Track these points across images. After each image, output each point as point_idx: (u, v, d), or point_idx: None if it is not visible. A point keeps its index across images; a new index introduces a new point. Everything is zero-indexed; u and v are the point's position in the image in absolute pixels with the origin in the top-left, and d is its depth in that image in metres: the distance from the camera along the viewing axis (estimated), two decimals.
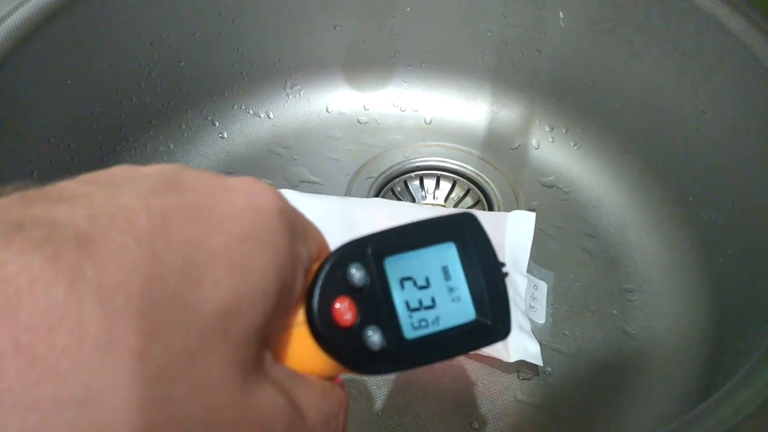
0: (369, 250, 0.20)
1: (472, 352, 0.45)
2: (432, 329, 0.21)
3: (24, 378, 0.14)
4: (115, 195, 0.17)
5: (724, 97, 0.47)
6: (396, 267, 0.20)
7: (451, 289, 0.21)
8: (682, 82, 0.50)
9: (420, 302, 0.21)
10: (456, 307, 0.21)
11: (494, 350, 0.44)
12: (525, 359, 0.43)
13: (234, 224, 0.17)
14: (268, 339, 0.18)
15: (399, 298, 0.20)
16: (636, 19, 0.51)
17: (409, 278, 0.21)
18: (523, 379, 0.45)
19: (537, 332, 0.46)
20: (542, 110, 0.58)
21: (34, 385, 0.14)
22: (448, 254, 0.21)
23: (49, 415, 0.14)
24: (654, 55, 0.51)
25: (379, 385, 0.44)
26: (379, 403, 0.43)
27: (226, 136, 0.57)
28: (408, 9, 0.57)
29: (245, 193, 0.18)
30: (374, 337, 0.19)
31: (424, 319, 0.20)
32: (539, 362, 0.44)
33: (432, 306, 0.21)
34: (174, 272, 0.16)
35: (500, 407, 0.43)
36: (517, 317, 0.45)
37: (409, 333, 0.20)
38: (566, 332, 0.47)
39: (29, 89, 0.45)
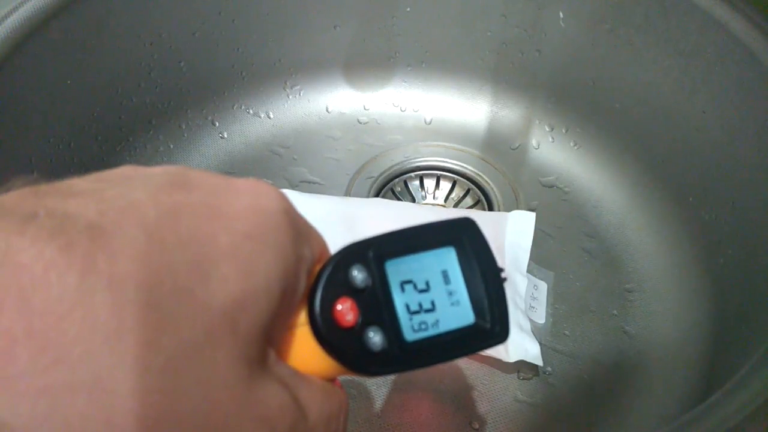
0: (370, 253, 0.20)
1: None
2: (431, 332, 0.21)
3: (36, 364, 0.14)
4: (125, 191, 0.17)
5: (724, 97, 0.47)
6: (397, 270, 0.21)
7: (450, 293, 0.21)
8: (682, 82, 0.50)
9: (420, 305, 0.21)
10: (455, 310, 0.21)
11: (494, 350, 0.44)
12: (525, 359, 0.43)
13: (240, 223, 0.18)
14: (271, 338, 0.18)
15: (399, 300, 0.20)
16: (636, 19, 0.51)
17: (409, 281, 0.21)
18: (523, 379, 0.45)
19: (537, 332, 0.46)
20: (542, 110, 0.58)
21: (46, 371, 0.14)
22: (447, 258, 0.22)
23: (59, 401, 0.14)
24: (654, 55, 0.51)
25: (379, 385, 0.44)
26: (379, 403, 0.43)
27: (226, 136, 0.57)
28: (408, 9, 0.57)
29: (251, 193, 0.19)
30: (375, 338, 0.20)
31: (424, 322, 0.21)
32: (539, 362, 0.44)
33: (432, 309, 0.21)
34: (182, 266, 0.16)
35: (500, 407, 0.43)
36: (517, 317, 0.45)
37: (410, 335, 0.20)
38: (566, 332, 0.47)
39: (29, 89, 0.45)
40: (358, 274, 0.20)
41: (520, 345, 0.43)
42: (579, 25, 0.54)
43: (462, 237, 0.22)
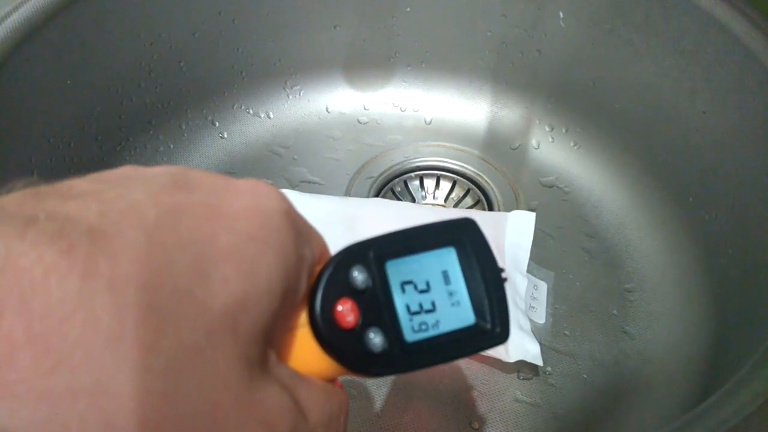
0: (371, 254, 0.20)
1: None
2: (432, 333, 0.21)
3: (37, 368, 0.14)
4: (126, 192, 0.17)
5: (724, 97, 0.47)
6: (397, 270, 0.21)
7: (451, 294, 0.21)
8: (682, 82, 0.50)
9: (420, 306, 0.21)
10: (456, 311, 0.21)
11: (494, 350, 0.44)
12: (525, 359, 0.43)
13: (242, 224, 0.17)
14: (272, 339, 0.18)
15: (400, 301, 0.20)
16: (636, 19, 0.51)
17: (410, 282, 0.21)
18: (523, 379, 0.45)
19: (537, 332, 0.46)
20: (542, 110, 0.58)
21: (47, 375, 0.14)
22: (448, 259, 0.22)
23: (60, 405, 0.14)
24: (654, 55, 0.51)
25: (379, 385, 0.44)
26: (379, 403, 0.43)
27: (226, 136, 0.57)
28: (408, 9, 0.57)
29: (251, 194, 0.19)
30: (376, 339, 0.20)
31: (425, 323, 0.21)
32: (539, 362, 0.44)
33: (432, 310, 0.21)
34: (183, 267, 0.16)
35: (500, 407, 0.43)
36: (517, 317, 0.45)
37: (410, 336, 0.20)
38: (566, 332, 0.47)
39: (29, 89, 0.45)
40: (358, 275, 0.20)
41: (520, 345, 0.43)
42: (579, 25, 0.54)
43: (462, 237, 0.22)
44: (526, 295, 0.47)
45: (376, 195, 0.54)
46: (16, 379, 0.14)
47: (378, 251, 0.20)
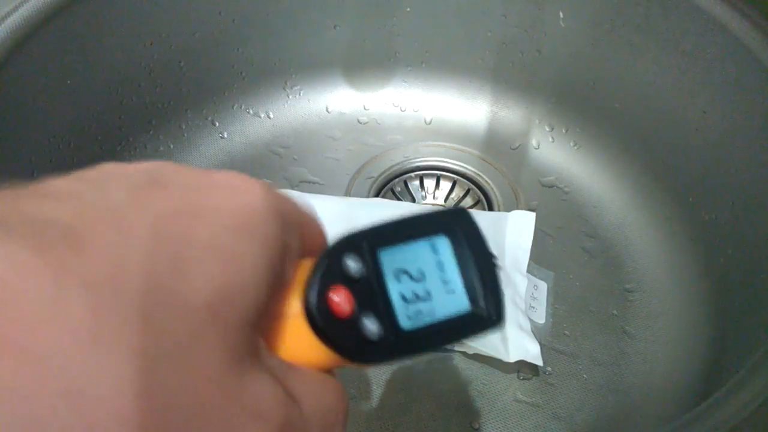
0: (364, 243, 0.20)
1: (472, 352, 0.45)
2: (427, 320, 0.21)
3: (14, 373, 0.13)
4: (103, 191, 0.17)
5: (724, 97, 0.47)
6: (391, 259, 0.21)
7: (445, 281, 0.21)
8: (682, 82, 0.50)
9: (415, 294, 0.21)
10: (450, 298, 0.21)
11: (494, 350, 0.44)
12: (525, 359, 0.43)
13: (222, 216, 0.17)
14: (260, 330, 0.18)
15: (394, 289, 0.20)
16: (636, 19, 0.51)
17: (404, 270, 0.21)
18: (523, 379, 0.45)
19: (537, 332, 0.46)
20: (542, 110, 0.58)
21: (24, 380, 0.13)
22: (441, 247, 0.22)
23: (41, 411, 0.13)
24: (654, 55, 0.51)
25: (379, 385, 0.44)
26: (379, 403, 0.43)
27: (226, 136, 0.57)
28: (408, 9, 0.57)
29: (231, 186, 0.18)
30: (371, 327, 0.20)
31: (420, 311, 0.21)
32: (539, 362, 0.43)
33: (427, 298, 0.21)
34: (162, 265, 0.16)
35: (500, 407, 0.43)
36: (517, 317, 0.45)
37: (405, 324, 0.20)
38: (566, 332, 0.47)
39: (29, 89, 0.45)
40: (352, 264, 0.20)
41: (520, 345, 0.43)
42: (579, 25, 0.54)
43: (455, 226, 0.22)
44: (526, 295, 0.47)
45: (376, 195, 0.54)
46: None
47: (371, 240, 0.20)
